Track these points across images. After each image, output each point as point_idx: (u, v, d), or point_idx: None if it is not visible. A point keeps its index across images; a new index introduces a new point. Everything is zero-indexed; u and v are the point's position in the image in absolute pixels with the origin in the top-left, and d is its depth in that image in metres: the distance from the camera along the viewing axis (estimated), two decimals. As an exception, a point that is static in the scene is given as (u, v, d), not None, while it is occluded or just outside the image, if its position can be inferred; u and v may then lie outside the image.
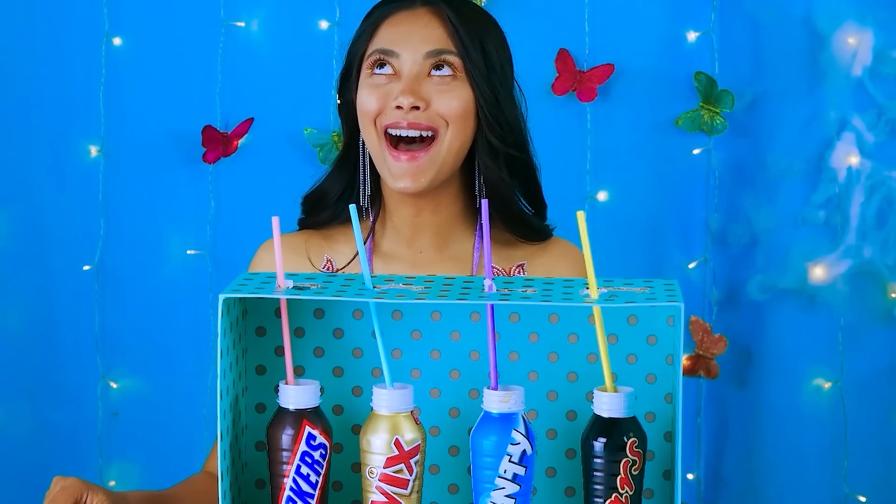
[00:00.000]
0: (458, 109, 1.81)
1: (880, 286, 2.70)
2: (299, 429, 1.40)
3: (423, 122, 1.80)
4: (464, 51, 1.81)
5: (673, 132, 2.72)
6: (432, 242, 1.89)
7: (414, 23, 1.83)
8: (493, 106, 1.83)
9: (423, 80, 1.81)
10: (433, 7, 1.83)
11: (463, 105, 1.81)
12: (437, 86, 1.81)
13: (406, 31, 1.82)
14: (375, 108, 1.81)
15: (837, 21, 2.65)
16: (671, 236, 2.75)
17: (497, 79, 1.84)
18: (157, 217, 2.74)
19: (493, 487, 1.39)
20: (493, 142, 1.84)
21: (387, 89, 1.81)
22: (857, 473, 2.73)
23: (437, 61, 1.81)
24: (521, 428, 1.39)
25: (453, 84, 1.81)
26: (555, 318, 1.49)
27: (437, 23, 1.82)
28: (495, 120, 1.84)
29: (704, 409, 2.77)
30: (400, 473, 1.40)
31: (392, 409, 1.40)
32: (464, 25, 1.82)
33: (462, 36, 1.81)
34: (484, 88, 1.82)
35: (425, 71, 1.81)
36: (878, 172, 2.68)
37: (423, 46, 1.81)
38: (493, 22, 1.89)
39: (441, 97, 1.81)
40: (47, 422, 2.76)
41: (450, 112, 1.81)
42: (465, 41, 1.81)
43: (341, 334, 1.51)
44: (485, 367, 1.47)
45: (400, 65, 1.81)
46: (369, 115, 1.82)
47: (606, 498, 1.39)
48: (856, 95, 2.67)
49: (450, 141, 1.81)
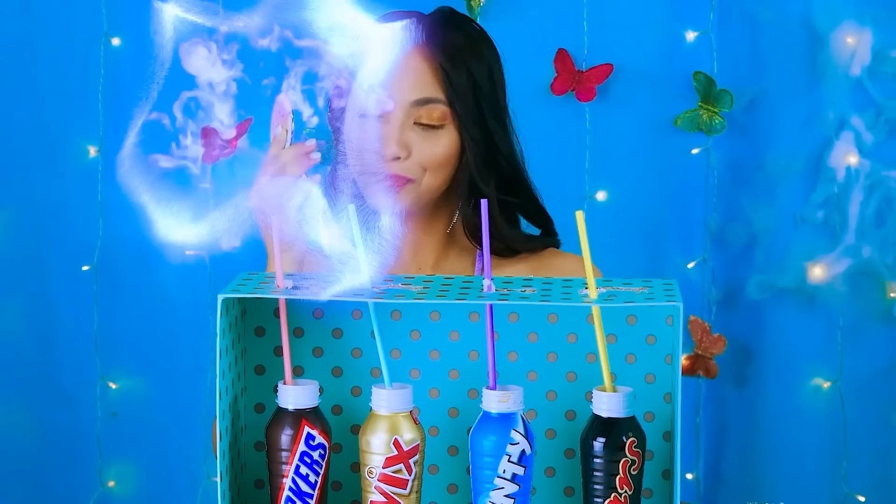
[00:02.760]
0: (440, 157, 1.81)
1: (879, 286, 2.70)
2: (298, 429, 1.40)
3: (402, 174, 1.79)
4: (454, 96, 1.79)
5: (672, 132, 2.72)
6: (431, 251, 1.90)
7: (404, 67, 1.79)
8: (485, 148, 1.83)
9: (408, 128, 1.80)
10: (424, 49, 1.80)
11: (445, 152, 1.81)
12: (422, 133, 1.80)
13: (395, 77, 1.76)
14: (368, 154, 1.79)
15: (836, 21, 2.65)
16: (670, 236, 2.75)
17: (493, 118, 1.84)
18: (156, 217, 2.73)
19: (492, 487, 1.39)
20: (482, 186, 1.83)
21: (372, 132, 1.79)
22: (857, 473, 2.73)
23: (425, 110, 1.79)
24: (520, 428, 1.39)
25: (439, 132, 1.80)
26: (554, 318, 1.49)
27: (426, 67, 1.79)
28: (486, 163, 1.83)
29: (703, 408, 2.77)
30: (399, 473, 1.40)
31: (391, 409, 1.40)
32: (455, 69, 1.79)
33: (453, 80, 1.79)
34: (475, 133, 1.81)
35: (411, 118, 1.79)
36: (876, 172, 2.68)
37: (410, 94, 1.79)
38: (487, 45, 1.86)
39: (423, 145, 1.80)
40: (46, 422, 2.76)
41: (430, 161, 1.80)
42: (455, 86, 1.79)
43: (340, 334, 1.51)
44: (484, 367, 1.47)
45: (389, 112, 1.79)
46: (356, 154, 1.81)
47: (606, 498, 1.39)
48: (854, 95, 2.67)
49: (427, 185, 1.82)
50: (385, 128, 1.79)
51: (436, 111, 1.79)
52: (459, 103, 1.79)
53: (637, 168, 2.73)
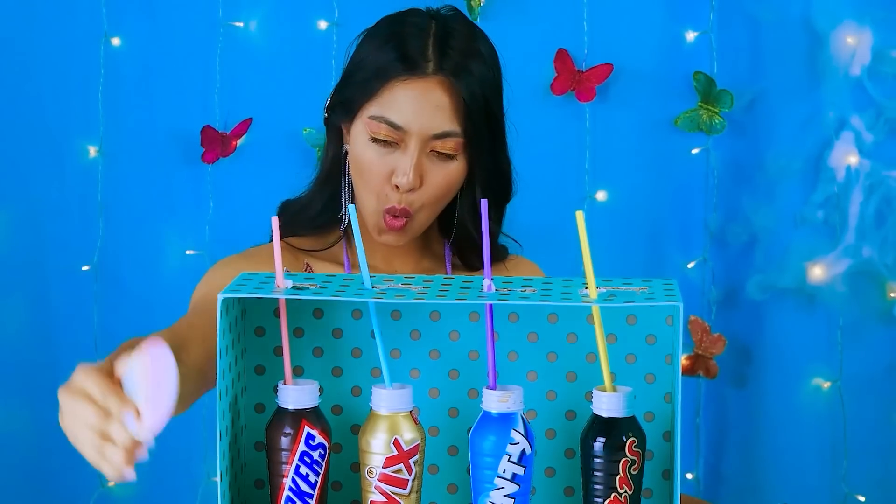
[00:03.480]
0: (444, 189, 1.81)
1: (879, 286, 2.70)
2: (298, 429, 1.40)
3: (410, 210, 1.79)
4: (471, 129, 1.79)
5: (672, 132, 2.72)
6: (406, 261, 1.90)
7: (426, 99, 1.78)
8: (491, 172, 1.84)
9: (424, 156, 1.79)
10: (445, 79, 1.78)
11: (452, 182, 1.81)
12: (435, 162, 1.79)
13: (416, 108, 1.78)
14: (377, 181, 1.79)
15: (836, 20, 2.65)
16: (670, 236, 2.75)
17: (499, 140, 1.85)
18: (155, 217, 2.74)
19: (492, 487, 1.39)
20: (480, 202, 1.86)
21: (389, 160, 1.79)
22: (857, 473, 2.73)
23: (443, 144, 1.78)
24: (520, 428, 1.39)
25: (450, 162, 1.80)
26: (554, 318, 1.49)
27: (447, 100, 1.78)
28: (490, 185, 1.85)
29: (703, 408, 2.77)
30: (399, 473, 1.40)
31: (391, 409, 1.40)
32: (475, 102, 1.79)
33: (473, 115, 1.79)
34: (486, 160, 1.82)
35: (428, 147, 1.79)
36: (876, 172, 2.68)
37: (431, 127, 1.77)
38: (496, 61, 1.85)
39: (435, 173, 1.79)
40: (46, 422, 2.75)
41: (437, 191, 1.80)
42: (474, 119, 1.79)
43: (340, 334, 1.51)
44: (484, 367, 1.47)
45: (405, 138, 1.78)
46: (369, 182, 1.80)
47: (606, 497, 1.39)
48: (854, 95, 2.67)
49: (424, 219, 1.82)
50: (401, 156, 1.79)
51: (453, 143, 1.79)
52: (475, 137, 1.80)
53: (637, 168, 2.74)
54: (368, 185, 1.80)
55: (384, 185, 1.79)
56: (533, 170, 2.74)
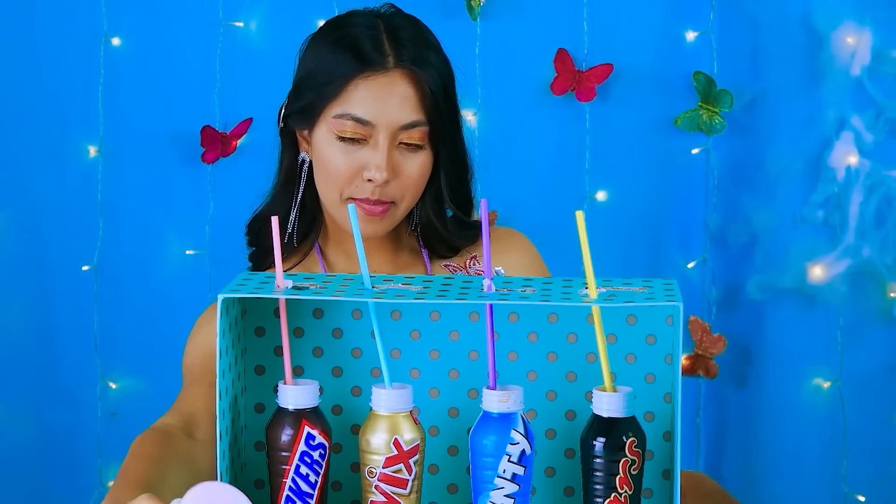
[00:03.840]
0: (419, 179, 1.82)
1: (879, 286, 2.70)
2: (298, 429, 1.40)
3: (386, 199, 1.80)
4: (436, 119, 1.80)
5: (672, 132, 2.72)
6: (385, 260, 1.90)
7: (390, 92, 1.79)
8: (456, 162, 1.86)
9: (394, 149, 1.80)
10: (407, 70, 1.80)
11: (423, 173, 1.82)
12: (404, 153, 1.80)
13: (381, 101, 1.79)
14: (344, 177, 1.80)
15: (836, 21, 2.65)
16: (670, 236, 2.75)
17: (459, 129, 1.86)
18: (155, 217, 2.74)
19: (492, 487, 1.39)
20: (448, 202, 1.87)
21: (358, 157, 1.79)
22: (856, 473, 2.73)
23: (411, 133, 1.80)
24: (520, 428, 1.39)
25: (418, 151, 1.81)
26: (554, 318, 1.49)
27: (412, 90, 1.80)
28: (455, 176, 1.87)
29: (703, 408, 2.77)
30: (399, 473, 1.40)
31: (391, 409, 1.40)
32: (439, 91, 1.81)
33: (439, 104, 1.80)
34: (450, 150, 1.84)
35: (396, 139, 1.80)
36: (876, 172, 2.68)
37: (399, 118, 1.79)
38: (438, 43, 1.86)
39: (406, 166, 1.80)
40: (46, 422, 2.76)
41: (411, 183, 1.81)
42: (439, 109, 1.81)
43: (340, 334, 1.51)
44: (484, 367, 1.47)
45: (373, 133, 1.79)
46: (336, 180, 1.80)
47: (606, 497, 1.39)
48: (854, 95, 2.67)
49: (405, 207, 1.83)
50: (371, 152, 1.79)
51: (420, 132, 1.81)
52: (440, 125, 1.81)
53: (637, 168, 2.74)
54: (335, 184, 1.80)
55: (352, 182, 1.79)
56: (533, 170, 2.76)
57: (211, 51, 2.71)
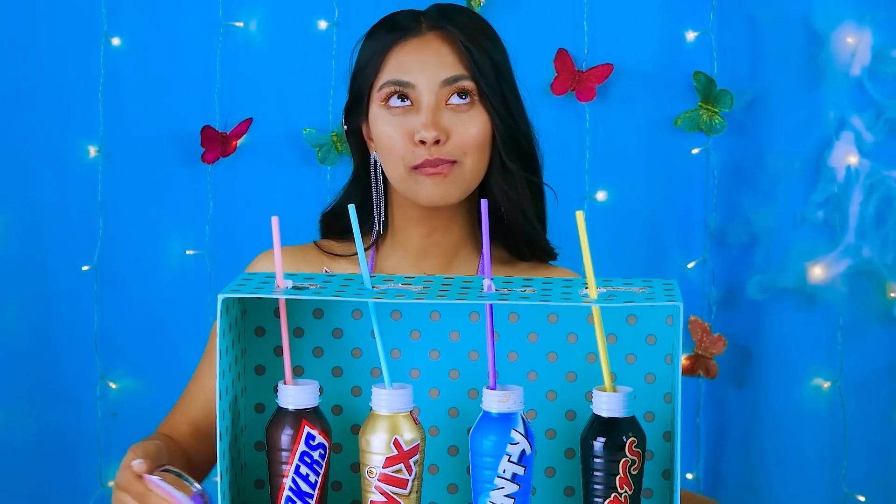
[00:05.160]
0: (478, 137, 1.78)
1: (879, 286, 2.70)
2: (298, 429, 1.40)
3: (445, 157, 1.76)
4: (478, 73, 1.78)
5: (672, 132, 2.72)
6: (438, 264, 1.87)
7: (425, 49, 1.79)
8: (511, 126, 1.82)
9: (442, 110, 1.78)
10: (441, 31, 1.80)
11: (481, 132, 1.79)
12: (456, 114, 1.78)
13: (418, 59, 1.78)
14: (399, 145, 1.78)
15: (836, 21, 2.65)
16: (670, 236, 2.75)
17: (512, 96, 1.83)
18: (155, 217, 2.74)
19: (492, 487, 1.39)
20: (509, 164, 1.82)
21: (406, 123, 1.78)
22: (857, 473, 2.73)
23: (455, 88, 1.78)
24: (520, 428, 1.39)
25: (471, 111, 1.79)
26: (554, 318, 1.49)
27: (447, 48, 1.79)
28: (512, 140, 1.82)
29: (703, 408, 2.77)
30: (399, 473, 1.40)
31: (391, 409, 1.40)
32: (475, 46, 1.79)
33: (475, 58, 1.79)
34: (501, 110, 1.80)
35: (443, 99, 1.78)
36: (876, 172, 2.68)
37: (438, 74, 1.78)
38: (495, 32, 1.87)
39: (460, 126, 1.78)
40: (46, 422, 2.76)
41: (469, 141, 1.78)
42: (478, 63, 1.79)
43: (340, 334, 1.51)
44: (484, 367, 1.47)
45: (416, 95, 1.78)
46: (393, 151, 1.79)
47: (606, 497, 1.39)
48: (854, 95, 2.67)
49: (471, 166, 1.79)
50: (418, 115, 1.78)
51: (466, 89, 1.78)
52: (484, 80, 1.79)
53: (637, 168, 2.73)
54: (393, 155, 1.78)
55: (408, 148, 1.77)
56: (533, 170, 2.75)
57: (211, 51, 2.71)
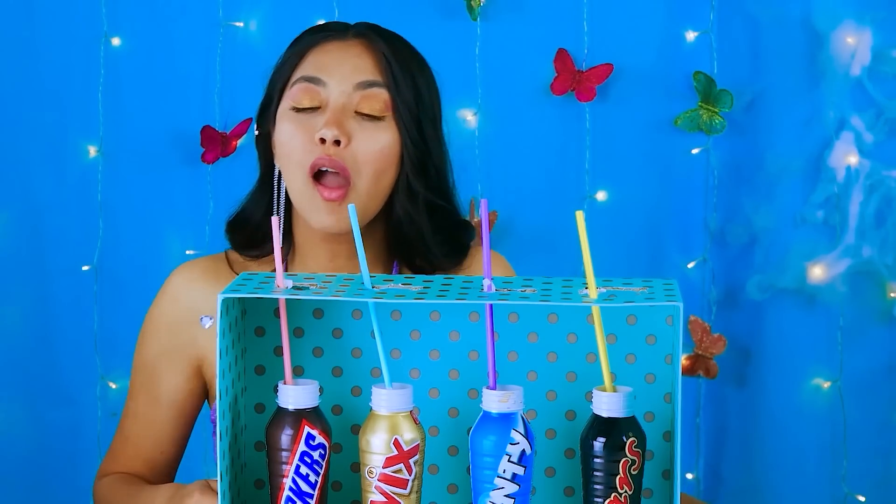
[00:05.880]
0: (379, 154, 1.70)
1: (879, 286, 2.70)
2: (298, 429, 1.40)
3: (341, 163, 1.67)
4: (395, 87, 1.70)
5: (672, 132, 2.72)
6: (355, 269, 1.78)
7: (345, 51, 1.72)
8: (421, 150, 1.72)
9: (350, 116, 1.69)
10: (366, 38, 1.73)
11: (386, 149, 1.70)
12: (363, 123, 1.70)
13: (335, 58, 1.71)
14: (299, 146, 1.69)
15: (836, 20, 2.65)
16: (670, 236, 2.75)
17: (427, 118, 1.74)
18: (155, 217, 2.74)
19: (492, 487, 1.39)
20: (414, 185, 1.73)
21: (310, 123, 1.70)
22: (857, 473, 2.73)
23: (368, 95, 1.69)
24: (520, 428, 1.39)
25: (381, 126, 1.70)
26: (554, 318, 1.49)
27: (368, 54, 1.72)
28: (421, 164, 1.73)
29: (704, 408, 2.77)
30: (399, 473, 1.40)
31: (391, 409, 1.40)
32: (397, 59, 1.71)
33: (394, 70, 1.70)
34: (412, 129, 1.71)
35: (352, 104, 1.70)
36: (876, 172, 2.68)
37: (352, 76, 1.70)
38: (425, 63, 1.79)
39: (364, 136, 1.69)
40: (46, 422, 2.76)
41: (369, 156, 1.69)
42: (396, 76, 1.70)
43: (340, 334, 1.51)
44: (484, 367, 1.47)
45: (326, 94, 1.70)
46: (292, 152, 1.70)
47: (606, 497, 1.39)
48: (854, 95, 2.67)
49: (367, 188, 1.70)
50: (323, 116, 1.69)
51: (379, 99, 1.70)
52: (399, 95, 1.70)
53: (637, 168, 2.74)
54: (293, 157, 1.70)
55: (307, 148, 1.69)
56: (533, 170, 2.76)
57: (211, 51, 2.71)
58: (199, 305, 1.79)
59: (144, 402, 1.83)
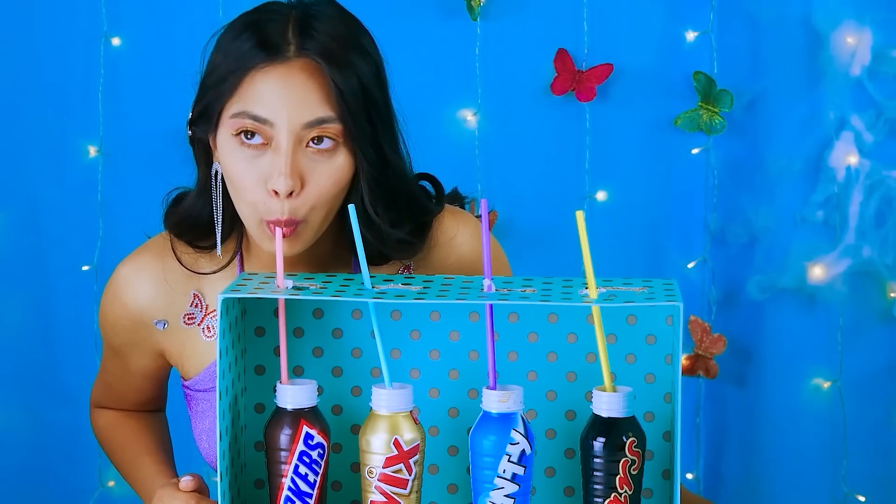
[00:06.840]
0: (333, 189, 1.59)
1: (879, 286, 2.70)
2: (297, 428, 1.40)
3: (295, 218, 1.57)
4: (347, 114, 1.57)
5: (672, 132, 2.72)
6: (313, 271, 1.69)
7: (289, 83, 1.58)
8: (379, 168, 1.62)
9: (300, 152, 1.58)
10: (310, 59, 1.58)
11: (340, 181, 1.60)
12: (315, 159, 1.58)
13: (280, 93, 1.57)
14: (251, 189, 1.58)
15: (836, 20, 2.65)
16: (670, 236, 2.75)
17: (383, 126, 1.62)
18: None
19: (492, 487, 1.39)
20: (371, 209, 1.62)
21: (260, 165, 1.58)
22: (856, 473, 2.73)
23: (318, 132, 1.58)
24: (520, 428, 1.39)
25: (333, 157, 1.59)
26: (554, 318, 1.49)
27: (314, 82, 1.58)
28: (379, 184, 1.62)
29: (703, 408, 2.77)
30: (399, 473, 1.40)
31: (391, 409, 1.40)
32: (343, 77, 1.58)
33: (345, 95, 1.57)
34: (369, 152, 1.60)
35: (303, 140, 1.58)
36: (876, 172, 2.68)
37: (301, 115, 1.57)
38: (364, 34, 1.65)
39: (316, 174, 1.58)
40: (46, 422, 2.76)
41: (323, 193, 1.58)
42: (348, 101, 1.57)
43: (340, 334, 1.51)
44: (484, 367, 1.47)
45: (274, 134, 1.58)
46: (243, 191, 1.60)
47: (606, 497, 1.39)
48: (854, 95, 2.67)
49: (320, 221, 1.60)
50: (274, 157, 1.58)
51: (330, 131, 1.58)
52: (353, 120, 1.58)
53: (637, 168, 2.73)
54: (244, 196, 1.60)
55: (260, 194, 1.58)
56: (533, 170, 2.76)
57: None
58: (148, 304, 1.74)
59: (118, 370, 1.81)
